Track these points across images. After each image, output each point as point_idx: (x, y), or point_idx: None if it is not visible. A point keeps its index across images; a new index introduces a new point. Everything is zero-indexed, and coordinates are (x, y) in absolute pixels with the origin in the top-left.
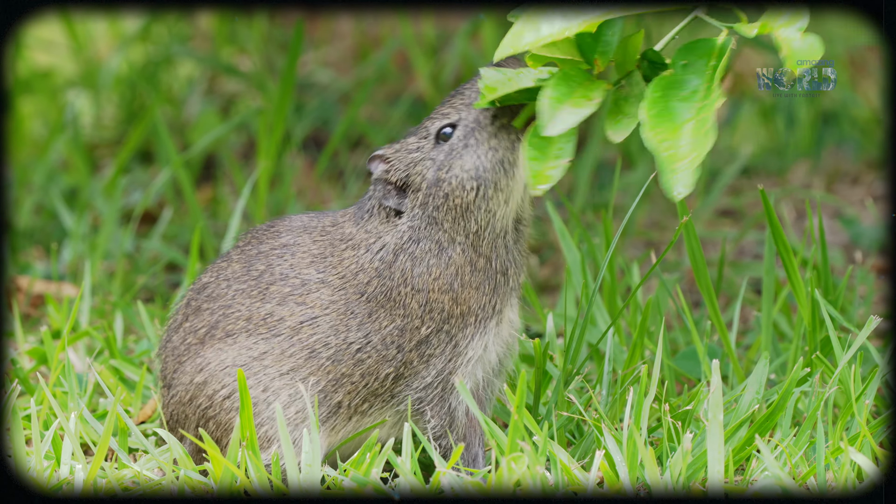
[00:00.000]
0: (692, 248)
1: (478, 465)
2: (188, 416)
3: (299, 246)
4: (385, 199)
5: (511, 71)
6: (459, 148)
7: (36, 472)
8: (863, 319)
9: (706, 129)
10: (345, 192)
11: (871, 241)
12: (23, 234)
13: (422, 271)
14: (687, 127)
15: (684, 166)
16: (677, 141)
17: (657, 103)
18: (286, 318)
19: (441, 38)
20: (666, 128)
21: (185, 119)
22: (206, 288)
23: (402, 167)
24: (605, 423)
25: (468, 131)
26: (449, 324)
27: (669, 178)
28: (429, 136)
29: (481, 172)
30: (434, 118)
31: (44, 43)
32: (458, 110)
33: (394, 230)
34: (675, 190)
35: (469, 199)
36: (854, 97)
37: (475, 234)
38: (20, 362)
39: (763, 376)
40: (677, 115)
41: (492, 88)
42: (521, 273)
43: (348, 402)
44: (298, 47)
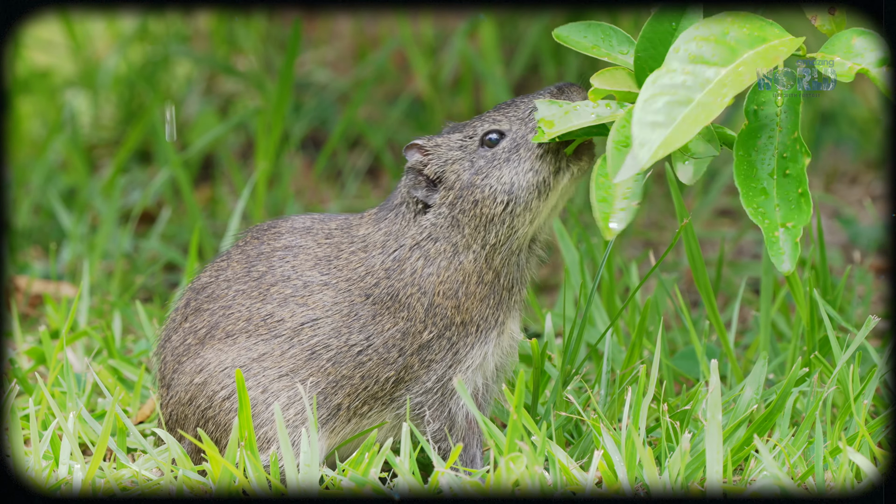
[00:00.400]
0: (690, 248)
1: (476, 466)
2: (187, 416)
3: (302, 248)
4: (414, 190)
5: (567, 104)
6: (502, 159)
7: (34, 472)
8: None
9: (798, 192)
10: (343, 192)
11: (869, 241)
12: (21, 233)
13: (431, 272)
14: (772, 181)
15: (784, 235)
16: (769, 202)
17: (742, 163)
18: (287, 320)
19: (439, 37)
20: (753, 186)
21: (184, 119)
22: (206, 288)
23: (440, 162)
24: (603, 423)
25: (515, 145)
26: (450, 330)
27: (772, 250)
28: (474, 138)
29: (516, 189)
30: (484, 121)
31: (42, 43)
32: (510, 121)
33: (416, 226)
34: (780, 263)
35: (496, 212)
36: (852, 97)
37: (491, 247)
38: (19, 362)
39: (761, 376)
40: (759, 168)
41: (549, 123)
42: (525, 288)
43: (348, 404)
44: (296, 47)
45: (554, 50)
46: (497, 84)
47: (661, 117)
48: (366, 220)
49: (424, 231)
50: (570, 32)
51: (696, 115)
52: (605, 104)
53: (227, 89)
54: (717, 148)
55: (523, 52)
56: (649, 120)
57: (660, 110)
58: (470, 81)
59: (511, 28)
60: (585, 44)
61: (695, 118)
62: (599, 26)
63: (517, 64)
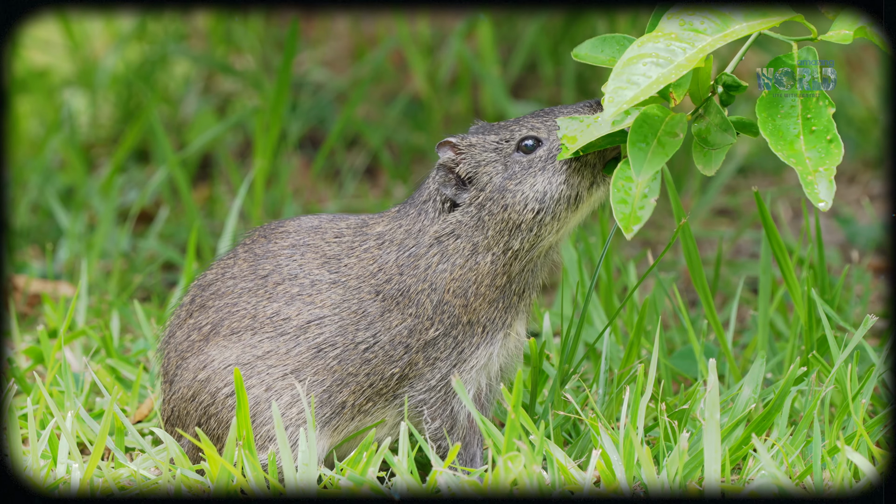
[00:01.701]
0: (688, 248)
1: (475, 465)
2: (189, 412)
3: (310, 246)
4: (444, 188)
5: (587, 117)
6: (537, 167)
7: (33, 472)
8: (859, 318)
9: (827, 139)
10: (341, 191)
11: (867, 241)
12: (19, 233)
13: (444, 269)
14: (800, 141)
15: (819, 177)
16: (800, 155)
17: (767, 123)
18: (293, 318)
19: (437, 37)
20: (783, 144)
21: (182, 118)
22: (212, 285)
23: (473, 162)
24: (601, 423)
25: (552, 155)
26: (456, 329)
27: (808, 190)
28: (511, 142)
29: (547, 199)
30: (522, 126)
31: (40, 42)
32: (549, 130)
33: (441, 222)
34: (818, 201)
35: (525, 219)
36: (851, 96)
37: (514, 252)
38: (17, 361)
39: (759, 375)
40: (785, 132)
41: (572, 139)
42: (535, 293)
43: (352, 401)
44: (294, 46)
45: (551, 49)
46: (494, 84)
47: (638, 77)
48: (385, 219)
49: (448, 227)
50: (587, 50)
51: (667, 76)
52: (623, 112)
53: (225, 89)
54: (734, 136)
55: (521, 52)
56: (625, 79)
57: (638, 71)
58: (468, 81)
59: (508, 28)
60: (603, 58)
61: (665, 78)
62: (614, 38)
63: (515, 63)
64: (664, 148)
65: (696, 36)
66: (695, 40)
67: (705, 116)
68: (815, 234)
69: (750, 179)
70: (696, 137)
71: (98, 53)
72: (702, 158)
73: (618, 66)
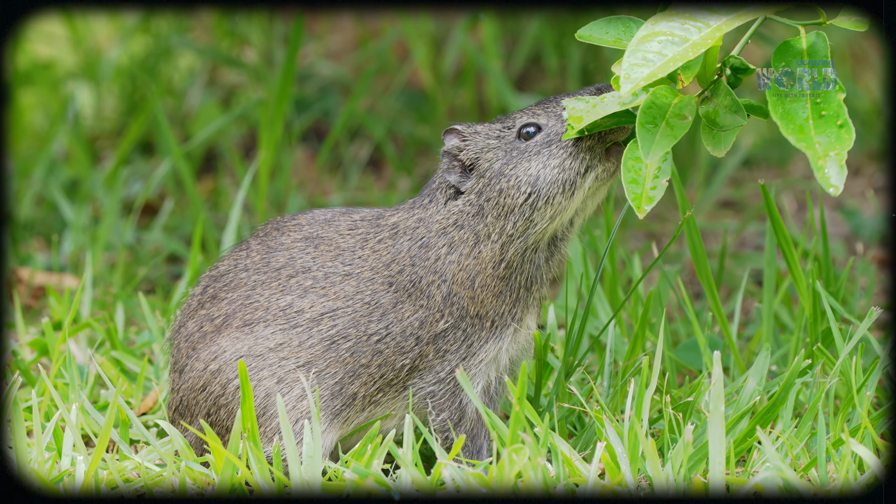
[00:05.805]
0: (693, 240)
1: (482, 457)
2: (199, 402)
3: (323, 239)
4: (448, 174)
5: (594, 98)
6: (533, 151)
7: (37, 464)
8: (864, 311)
9: (837, 124)
10: (345, 183)
11: (872, 233)
12: (24, 225)
13: (453, 260)
14: (809, 125)
15: (829, 162)
16: (810, 139)
17: (777, 106)
18: (306, 310)
19: (441, 29)
20: (793, 128)
21: (186, 111)
22: (225, 276)
23: (477, 149)
24: (606, 415)
25: (548, 140)
26: (465, 321)
27: (819, 174)
28: (512, 129)
29: (540, 182)
30: (525, 113)
31: (44, 35)
32: (549, 116)
33: (445, 211)
34: (829, 186)
35: (517, 202)
36: (855, 88)
37: (508, 237)
38: (21, 354)
39: (764, 368)
40: (795, 115)
41: (578, 118)
42: (545, 287)
43: (363, 392)
44: (298, 39)
45: (556, 42)
46: (498, 77)
47: (653, 55)
48: (400, 210)
49: (451, 217)
50: (592, 31)
51: (684, 54)
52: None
53: (230, 81)
54: (745, 117)
55: (525, 45)
56: (640, 56)
57: (653, 49)
58: (472, 74)
59: (512, 21)
60: (608, 39)
61: (682, 56)
62: (619, 20)
63: (519, 56)
64: (673, 130)
65: (710, 16)
66: (709, 19)
67: (713, 98)
68: (820, 227)
69: (755, 172)
70: (705, 119)
71: (102, 46)
72: (711, 140)
73: (632, 43)
